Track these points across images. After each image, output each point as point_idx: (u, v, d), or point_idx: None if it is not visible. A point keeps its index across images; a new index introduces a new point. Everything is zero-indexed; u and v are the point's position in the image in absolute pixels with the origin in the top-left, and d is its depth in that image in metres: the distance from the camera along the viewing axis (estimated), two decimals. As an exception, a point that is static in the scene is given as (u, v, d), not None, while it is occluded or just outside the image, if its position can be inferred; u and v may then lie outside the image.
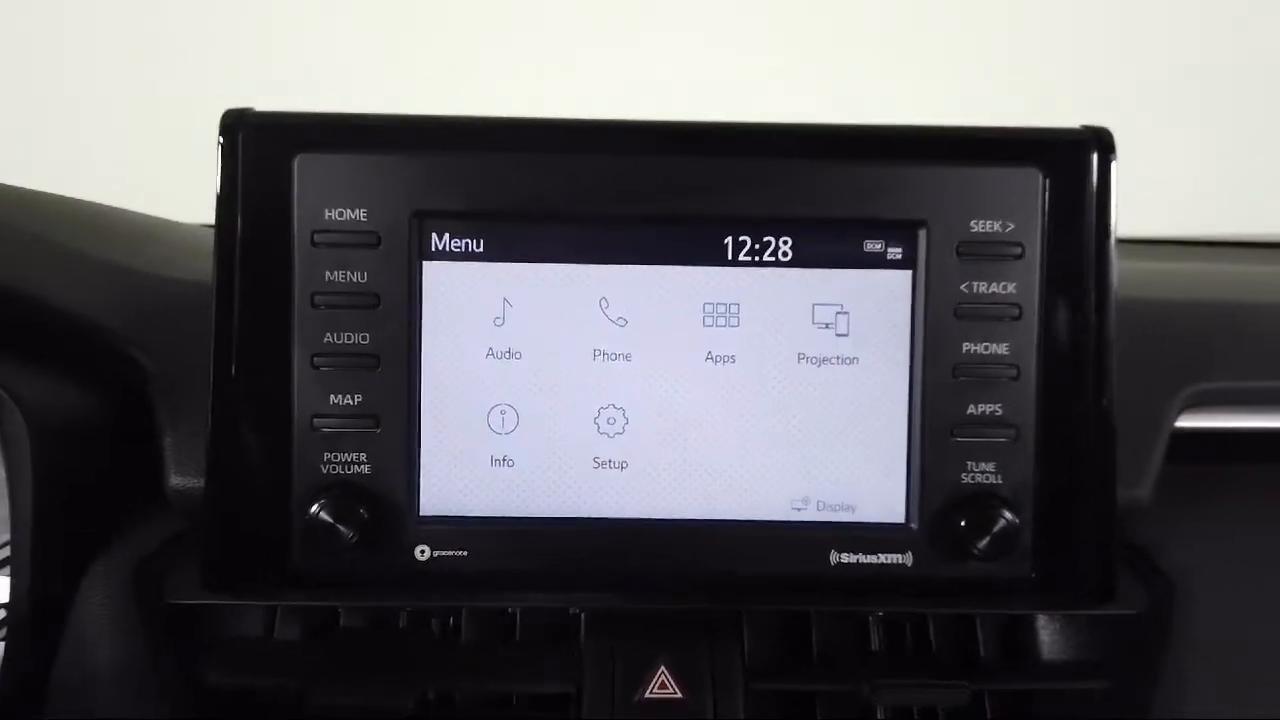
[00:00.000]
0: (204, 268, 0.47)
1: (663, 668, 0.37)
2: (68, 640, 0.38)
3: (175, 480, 0.40)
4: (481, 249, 0.38)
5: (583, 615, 0.40)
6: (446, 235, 0.38)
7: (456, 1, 0.85)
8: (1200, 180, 0.81)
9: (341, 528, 0.37)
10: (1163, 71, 0.83)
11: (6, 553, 0.46)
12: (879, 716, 0.40)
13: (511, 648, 0.40)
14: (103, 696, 0.37)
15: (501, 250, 0.38)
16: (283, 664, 0.39)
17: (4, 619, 0.39)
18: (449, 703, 0.39)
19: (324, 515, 0.37)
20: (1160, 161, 0.74)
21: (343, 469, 0.37)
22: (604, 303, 0.38)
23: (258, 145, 0.37)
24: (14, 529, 0.39)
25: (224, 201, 0.37)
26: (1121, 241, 0.39)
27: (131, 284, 0.44)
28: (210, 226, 0.38)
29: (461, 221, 0.38)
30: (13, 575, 0.39)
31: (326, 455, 0.37)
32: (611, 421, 0.39)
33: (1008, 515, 0.37)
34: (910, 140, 0.38)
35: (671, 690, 0.37)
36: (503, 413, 0.38)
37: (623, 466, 0.39)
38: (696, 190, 0.38)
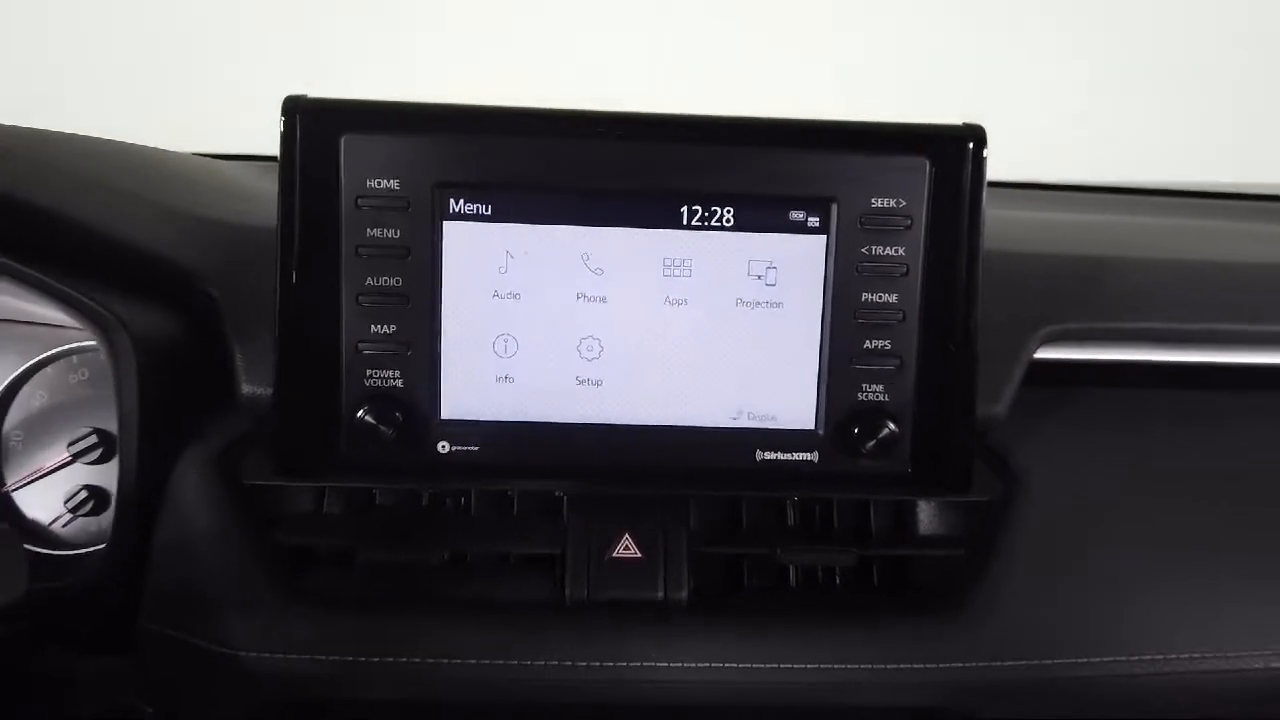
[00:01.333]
0: (252, 210, 0.57)
1: (626, 535, 0.49)
2: (167, 512, 0.49)
3: (246, 389, 0.50)
4: (490, 212, 0.48)
5: (565, 497, 0.51)
6: (462, 201, 0.48)
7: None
8: (1079, 128, 0.91)
9: (381, 428, 0.48)
10: (1035, 24, 0.92)
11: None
12: (791, 578, 0.52)
13: (510, 520, 0.52)
14: (194, 555, 0.48)
15: (505, 213, 0.48)
16: (335, 530, 0.50)
17: (115, 498, 0.50)
18: (462, 561, 0.51)
19: (367, 418, 0.48)
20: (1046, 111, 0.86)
21: (381, 383, 0.48)
22: (586, 256, 0.49)
23: (311, 125, 0.47)
24: (122, 427, 0.49)
25: (285, 170, 0.47)
26: (1002, 185, 0.50)
27: (199, 229, 0.54)
28: (240, 158, 0.47)
29: (473, 190, 0.48)
30: (121, 463, 0.50)
31: (369, 372, 0.48)
32: (590, 349, 0.50)
33: (891, 425, 0.48)
34: (826, 132, 0.48)
35: (633, 552, 0.49)
36: (505, 341, 0.49)
37: (599, 384, 0.50)
38: (659, 169, 0.48)
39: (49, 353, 0.63)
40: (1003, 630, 0.47)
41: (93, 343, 0.63)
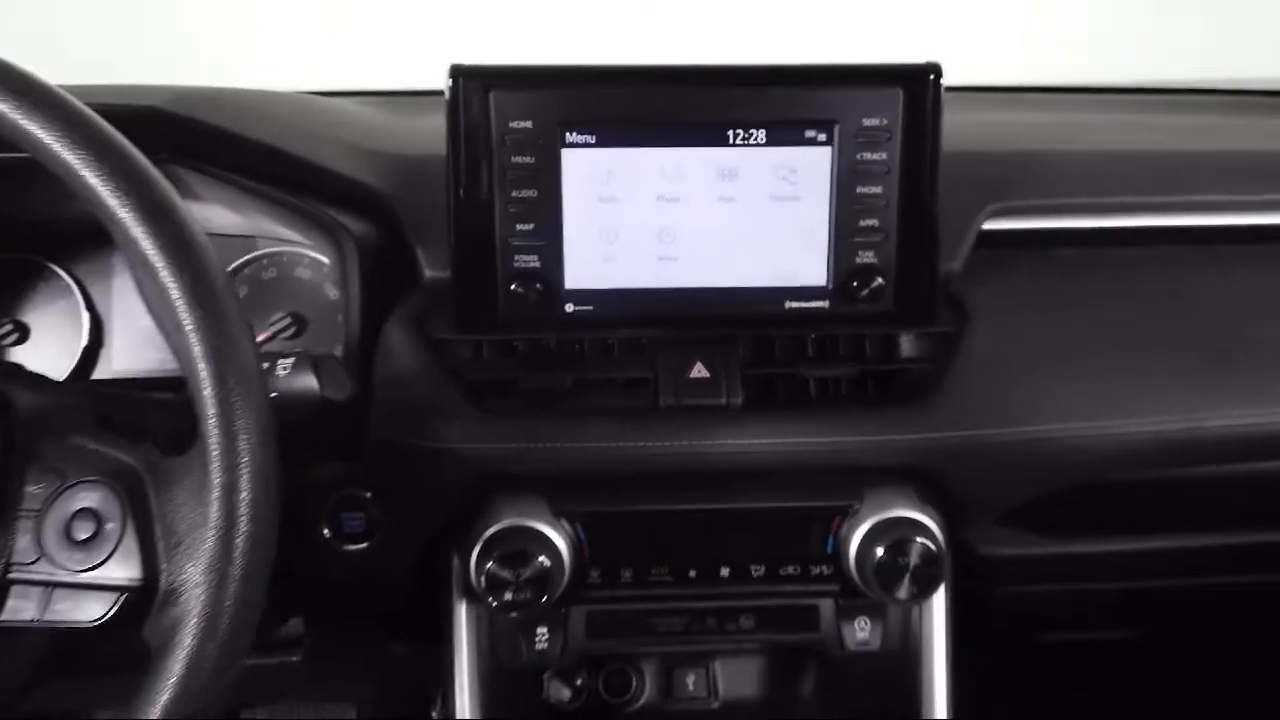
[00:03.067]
0: (411, 143, 0.78)
1: (698, 362, 0.71)
2: (380, 358, 0.71)
3: (427, 274, 0.72)
4: (594, 141, 0.68)
5: (651, 341, 0.73)
6: (574, 133, 0.68)
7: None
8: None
9: (526, 296, 0.69)
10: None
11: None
12: (811, 389, 0.74)
13: (614, 355, 0.74)
14: (406, 384, 0.70)
15: (605, 141, 0.68)
16: (500, 367, 0.72)
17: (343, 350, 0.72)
18: (583, 384, 0.72)
19: (517, 288, 0.69)
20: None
21: (524, 264, 0.69)
22: (662, 169, 0.69)
23: (468, 85, 0.67)
24: (348, 307, 0.71)
25: (452, 117, 0.67)
26: (960, 89, 0.69)
27: (378, 159, 0.74)
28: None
29: (582, 126, 0.68)
30: (347, 336, 0.72)
31: (515, 257, 0.69)
32: (667, 235, 0.70)
33: (879, 279, 0.70)
34: (829, 73, 0.68)
35: (703, 373, 0.71)
36: (608, 231, 0.70)
37: (674, 259, 0.70)
38: (711, 104, 0.68)
39: (248, 256, 0.84)
40: (957, 412, 0.70)
41: (277, 249, 0.84)
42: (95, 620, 0.46)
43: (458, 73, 0.67)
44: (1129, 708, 1.05)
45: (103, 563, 0.46)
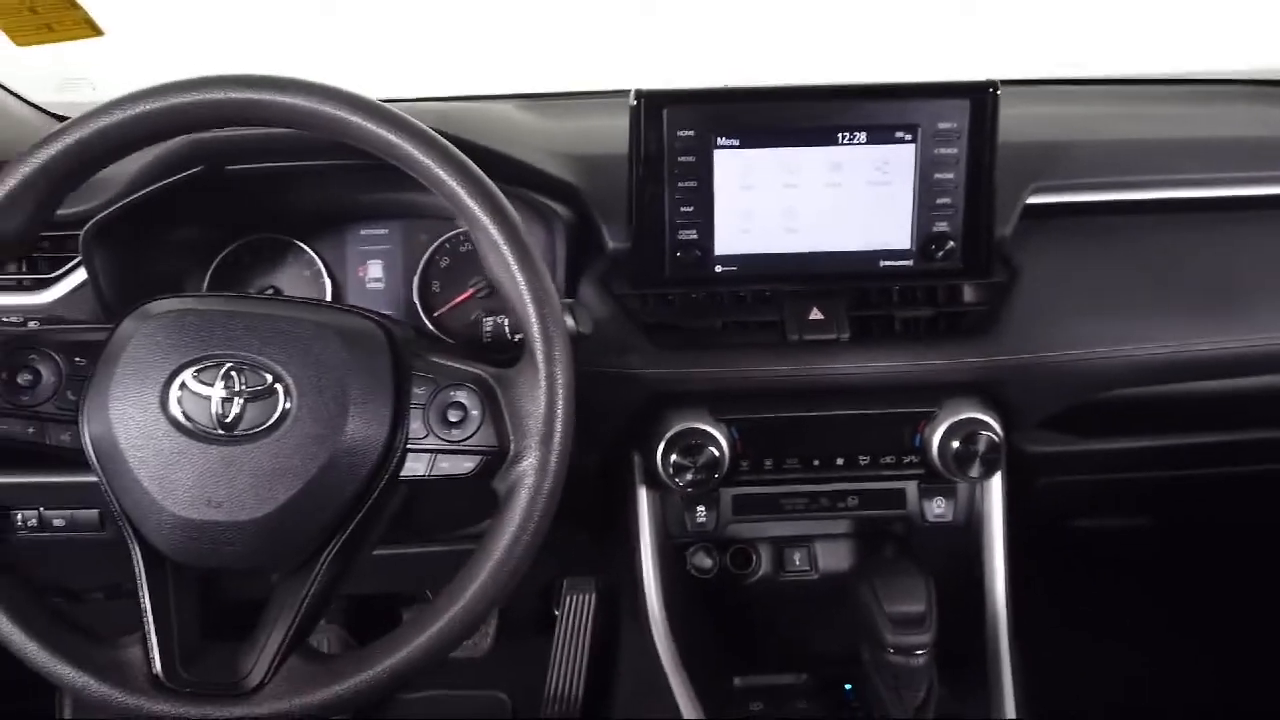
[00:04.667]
0: (582, 144, 1.01)
1: (815, 307, 0.95)
2: (577, 308, 0.95)
3: (610, 245, 0.95)
4: (738, 143, 0.92)
5: (776, 292, 0.96)
6: (723, 138, 0.91)
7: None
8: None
9: (687, 260, 0.93)
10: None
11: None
12: (896, 325, 0.97)
13: (752, 302, 0.97)
14: (601, 326, 0.93)
15: (746, 143, 0.91)
16: (665, 312, 0.95)
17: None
18: (730, 325, 0.95)
19: (680, 255, 0.93)
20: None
21: (685, 237, 0.93)
22: (787, 164, 0.93)
23: (649, 104, 0.90)
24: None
25: (634, 127, 0.90)
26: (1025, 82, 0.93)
27: (562, 156, 0.98)
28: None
29: (729, 132, 0.91)
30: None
31: (680, 232, 0.92)
32: (790, 213, 0.94)
33: (951, 243, 0.93)
34: (916, 89, 0.91)
35: (819, 316, 0.94)
36: (746, 211, 0.94)
37: (796, 230, 0.94)
38: (825, 113, 0.91)
39: (450, 233, 1.08)
40: (1010, 342, 0.93)
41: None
42: (466, 473, 0.71)
43: (640, 95, 0.90)
44: (1142, 585, 1.30)
45: (470, 436, 0.71)
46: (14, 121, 1.13)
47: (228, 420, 0.68)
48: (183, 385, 0.68)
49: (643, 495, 0.96)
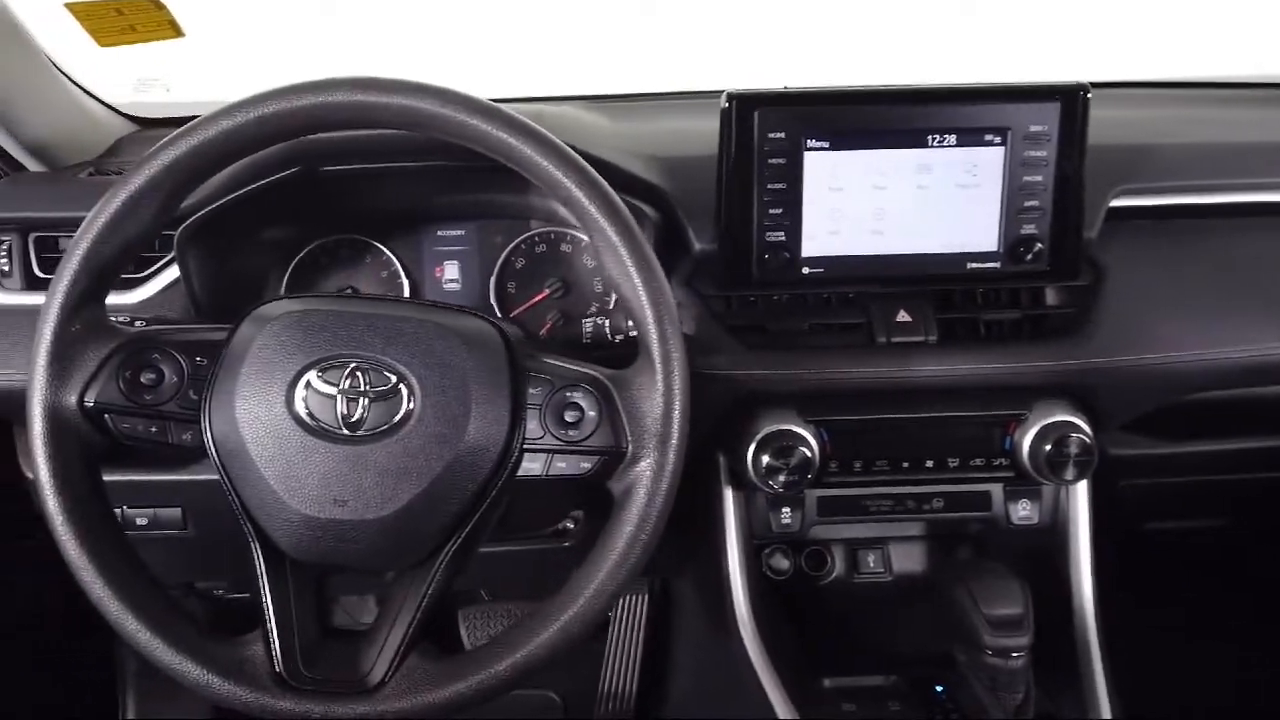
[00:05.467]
0: (667, 146, 1.02)
1: (902, 309, 0.95)
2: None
3: (697, 247, 0.95)
4: (828, 145, 0.92)
5: (861, 294, 0.97)
6: (813, 140, 0.92)
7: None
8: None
9: (774, 262, 0.93)
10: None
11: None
12: (980, 330, 0.97)
13: (838, 304, 0.97)
14: (692, 330, 0.94)
15: (836, 145, 0.92)
16: (750, 315, 0.96)
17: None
18: (817, 327, 0.96)
19: (767, 256, 0.93)
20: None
21: (774, 239, 0.93)
22: (876, 165, 0.93)
23: (740, 105, 0.90)
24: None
25: (725, 128, 0.91)
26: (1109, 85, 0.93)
27: (647, 159, 0.98)
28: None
29: (820, 134, 0.91)
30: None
31: (768, 233, 0.93)
32: (878, 214, 0.94)
33: (1039, 245, 0.93)
34: (1007, 91, 0.91)
35: (907, 318, 0.95)
36: (834, 212, 0.94)
37: (882, 233, 0.94)
38: (915, 115, 0.91)
39: (524, 235, 1.08)
40: (1097, 345, 0.93)
41: (546, 229, 1.08)
42: (583, 473, 0.71)
43: (733, 98, 0.90)
44: (1225, 587, 1.30)
45: (587, 437, 0.71)
46: (92, 122, 1.13)
47: (353, 420, 0.68)
48: (308, 385, 0.68)
49: (729, 496, 0.97)
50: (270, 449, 0.68)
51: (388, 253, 1.07)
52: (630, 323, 0.85)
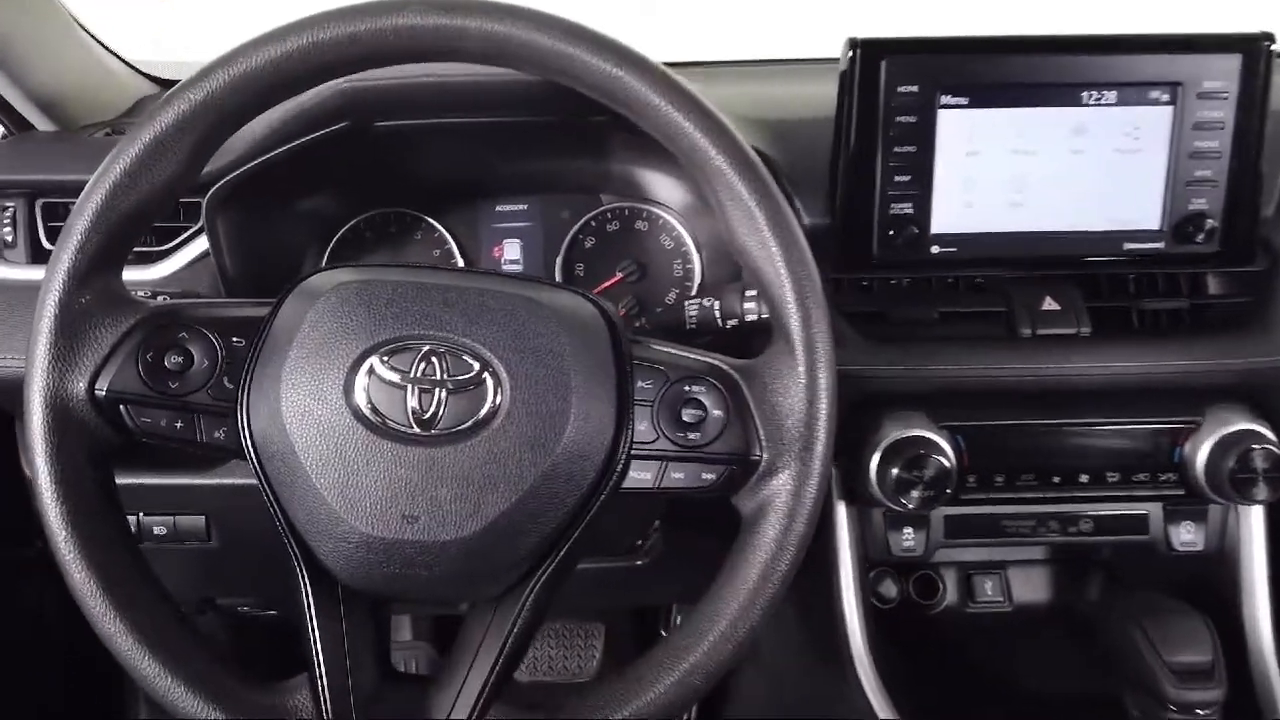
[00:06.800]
0: (771, 109, 0.88)
1: (1047, 296, 0.81)
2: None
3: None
4: (965, 103, 0.78)
5: (999, 278, 0.83)
6: (949, 96, 0.78)
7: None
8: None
9: (899, 239, 0.79)
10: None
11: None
12: (1134, 321, 0.83)
13: (971, 289, 0.83)
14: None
15: (973, 103, 0.78)
16: (871, 301, 0.82)
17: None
18: (947, 315, 0.83)
19: (891, 232, 0.79)
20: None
21: (899, 211, 0.79)
22: (1018, 127, 0.79)
23: (865, 54, 0.77)
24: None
25: (846, 83, 0.77)
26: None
27: (753, 124, 0.85)
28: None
29: (956, 90, 0.78)
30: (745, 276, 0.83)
31: (892, 205, 0.79)
32: (1018, 185, 0.80)
33: (1210, 222, 0.79)
34: (1178, 41, 0.77)
35: (1053, 306, 0.81)
36: (969, 180, 0.80)
37: (1022, 205, 0.81)
38: (1068, 69, 0.78)
39: (595, 210, 0.95)
40: (1272, 339, 0.80)
41: (620, 204, 0.95)
42: (705, 486, 0.58)
43: (857, 44, 0.77)
44: None
45: (712, 441, 0.57)
46: (110, 79, 1.01)
47: (426, 416, 0.55)
48: (371, 372, 0.55)
49: (841, 512, 0.83)
50: (323, 451, 0.54)
51: (441, 229, 0.94)
52: (748, 305, 0.71)
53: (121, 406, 0.57)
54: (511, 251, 0.95)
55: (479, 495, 0.54)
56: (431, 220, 0.94)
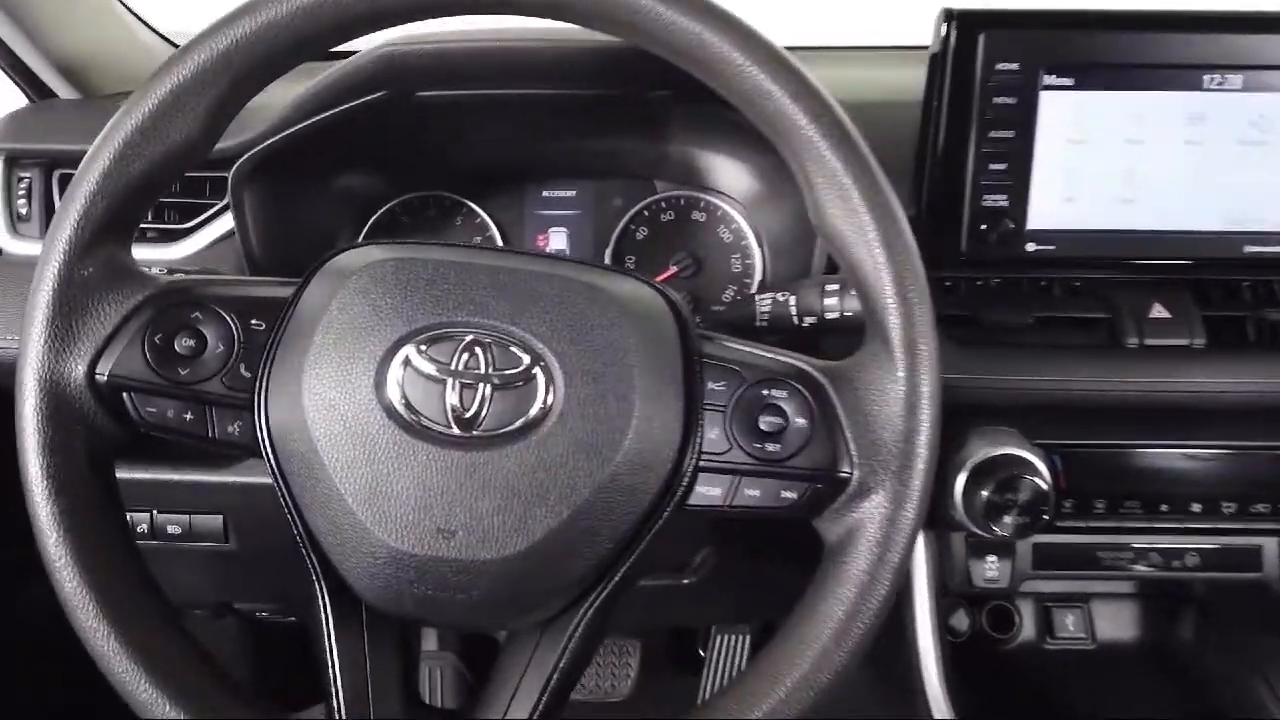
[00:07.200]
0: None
1: (1156, 303, 0.73)
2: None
3: None
4: (1071, 84, 0.70)
5: (1103, 281, 0.75)
6: (1054, 76, 0.70)
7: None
8: None
9: (992, 235, 0.71)
10: None
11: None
12: (1250, 333, 0.74)
13: (1070, 292, 0.75)
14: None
15: (1080, 84, 0.70)
16: (959, 304, 0.74)
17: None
18: (1044, 320, 0.74)
19: (983, 227, 0.71)
20: None
21: (992, 204, 0.71)
22: (1131, 113, 0.71)
23: (961, 26, 0.69)
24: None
25: (938, 59, 0.69)
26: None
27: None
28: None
29: (1063, 69, 0.70)
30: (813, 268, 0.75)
31: (985, 197, 0.71)
32: (1129, 178, 0.72)
33: None
34: None
35: (1163, 314, 0.72)
36: (1072, 172, 0.72)
37: (1133, 201, 0.72)
38: (1189, 49, 0.69)
39: (651, 198, 0.88)
40: None
41: (675, 192, 0.87)
42: (785, 505, 0.50)
43: (950, 15, 0.69)
44: None
45: (794, 455, 0.50)
46: (138, 48, 0.95)
47: (468, 415, 0.47)
48: (406, 363, 0.48)
49: (919, 537, 0.75)
50: (350, 453, 0.47)
51: (483, 214, 0.87)
52: (828, 301, 0.64)
53: (125, 394, 0.51)
54: (557, 241, 0.88)
55: (525, 508, 0.47)
56: (473, 205, 0.87)
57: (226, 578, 0.90)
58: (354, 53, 0.73)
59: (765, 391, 0.50)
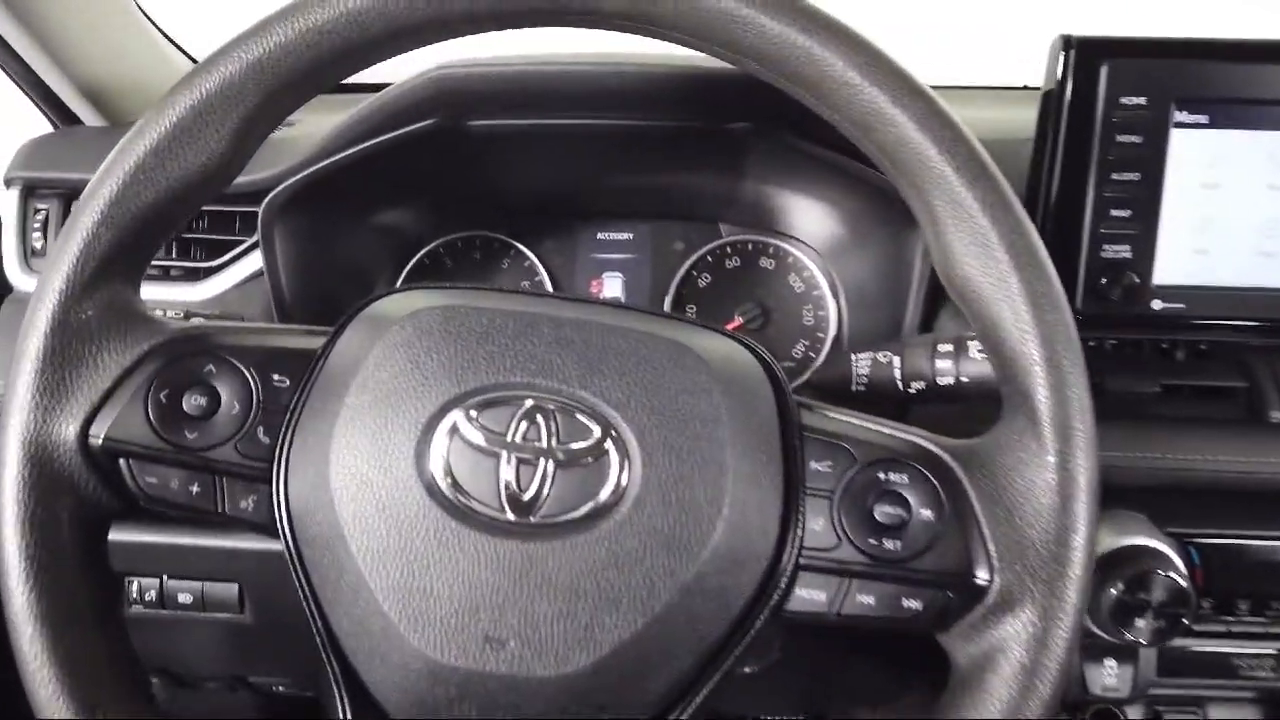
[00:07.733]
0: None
1: None
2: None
3: None
4: (1206, 122, 0.62)
5: (1220, 346, 0.65)
6: (1186, 113, 0.62)
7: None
8: None
9: (1114, 290, 0.63)
10: None
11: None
12: None
13: (1193, 358, 0.66)
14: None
15: (1217, 123, 0.62)
16: None
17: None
18: (1170, 389, 0.65)
19: (1102, 280, 0.63)
20: None
21: (1114, 255, 0.63)
22: (1273, 157, 0.62)
23: (1081, 55, 0.61)
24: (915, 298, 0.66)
25: (1056, 91, 0.62)
26: None
27: None
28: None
29: (1198, 104, 0.61)
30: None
31: (1105, 247, 0.63)
32: (1273, 229, 0.63)
33: None
34: None
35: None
36: (1205, 220, 0.63)
37: (1275, 255, 0.63)
38: None
39: (715, 243, 0.80)
40: None
41: (741, 236, 0.80)
42: (906, 617, 0.41)
43: (1069, 43, 0.61)
44: None
45: (919, 554, 0.41)
46: (170, 73, 0.89)
47: (525, 497, 0.39)
48: (454, 431, 0.40)
49: None
50: (383, 539, 0.39)
51: (532, 257, 0.80)
52: (940, 364, 0.55)
53: (122, 461, 0.43)
54: (612, 287, 0.81)
55: (591, 614, 0.38)
56: (521, 246, 0.80)
57: (241, 650, 0.82)
58: (388, 84, 0.67)
59: (882, 475, 0.41)
